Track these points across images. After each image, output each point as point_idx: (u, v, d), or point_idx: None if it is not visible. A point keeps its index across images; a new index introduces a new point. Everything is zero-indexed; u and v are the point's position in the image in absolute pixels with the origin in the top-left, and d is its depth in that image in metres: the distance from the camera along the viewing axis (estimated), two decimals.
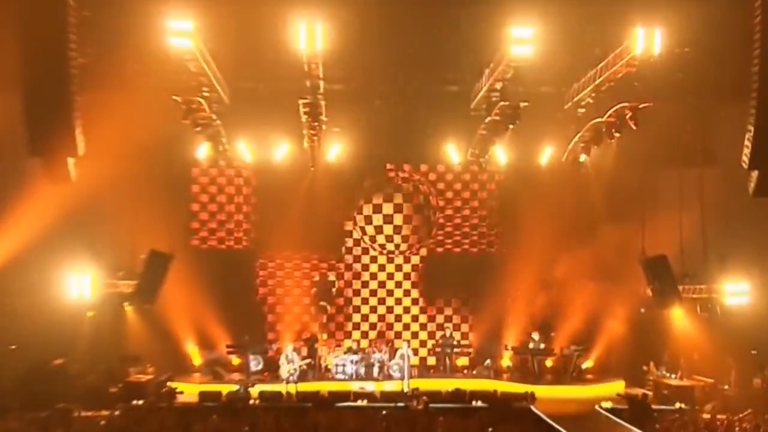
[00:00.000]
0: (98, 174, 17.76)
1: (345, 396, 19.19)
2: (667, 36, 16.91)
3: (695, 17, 18.14)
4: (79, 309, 19.10)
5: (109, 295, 19.73)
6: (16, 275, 19.19)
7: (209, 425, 15.32)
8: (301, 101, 18.94)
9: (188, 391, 19.85)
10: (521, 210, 23.43)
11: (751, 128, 15.49)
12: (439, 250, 24.41)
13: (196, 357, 22.87)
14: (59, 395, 17.53)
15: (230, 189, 24.04)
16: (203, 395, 19.02)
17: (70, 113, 15.41)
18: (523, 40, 16.71)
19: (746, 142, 15.65)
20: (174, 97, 18.52)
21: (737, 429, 15.26)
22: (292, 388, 19.43)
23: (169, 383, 19.82)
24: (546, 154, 23.14)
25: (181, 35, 16.34)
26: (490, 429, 15.30)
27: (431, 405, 17.93)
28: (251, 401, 18.78)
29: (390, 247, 24.22)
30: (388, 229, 24.12)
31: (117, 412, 17.16)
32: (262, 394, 19.08)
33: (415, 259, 24.39)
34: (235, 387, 19.42)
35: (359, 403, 18.89)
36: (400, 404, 18.30)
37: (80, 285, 18.45)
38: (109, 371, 19.98)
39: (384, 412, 17.07)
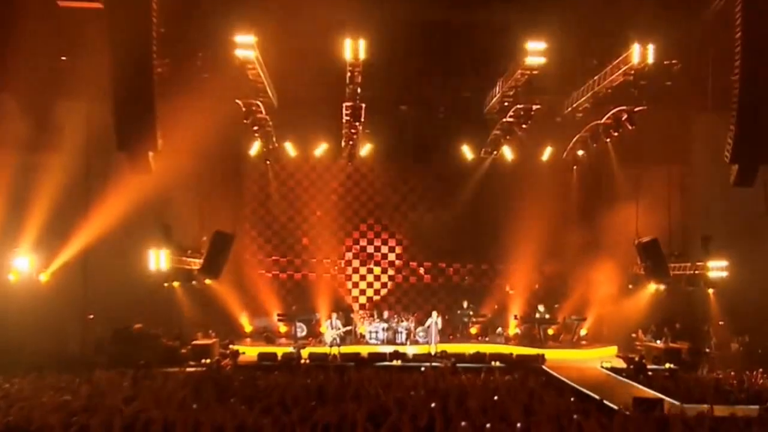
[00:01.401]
0: (171, 166, 18.00)
1: (382, 357, 19.48)
2: (657, 49, 17.22)
3: (682, 35, 18.49)
4: (155, 281, 19.38)
5: (179, 270, 20.01)
6: (105, 251, 19.57)
7: (272, 380, 15.62)
8: (345, 104, 19.25)
9: (247, 352, 20.22)
10: (527, 198, 23.68)
11: (733, 128, 15.65)
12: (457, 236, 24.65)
13: (247, 325, 23.23)
14: (139, 354, 17.91)
15: (277, 181, 24.27)
16: (261, 356, 19.36)
17: (151, 114, 15.57)
18: (536, 52, 17.10)
19: (728, 140, 15.80)
20: (237, 101, 18.89)
21: (724, 384, 15.60)
22: (335, 351, 19.72)
23: (231, 346, 20.12)
24: (547, 153, 23.38)
25: (244, 47, 16.74)
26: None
27: (457, 364, 18.32)
28: (303, 361, 19.10)
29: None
30: (413, 216, 24.43)
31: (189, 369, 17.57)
32: (311, 355, 19.40)
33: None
34: (289, 349, 19.67)
35: (395, 363, 19.22)
36: (434, 364, 18.66)
37: (157, 261, 18.74)
38: (180, 335, 20.32)
39: (422, 369, 17.44)
